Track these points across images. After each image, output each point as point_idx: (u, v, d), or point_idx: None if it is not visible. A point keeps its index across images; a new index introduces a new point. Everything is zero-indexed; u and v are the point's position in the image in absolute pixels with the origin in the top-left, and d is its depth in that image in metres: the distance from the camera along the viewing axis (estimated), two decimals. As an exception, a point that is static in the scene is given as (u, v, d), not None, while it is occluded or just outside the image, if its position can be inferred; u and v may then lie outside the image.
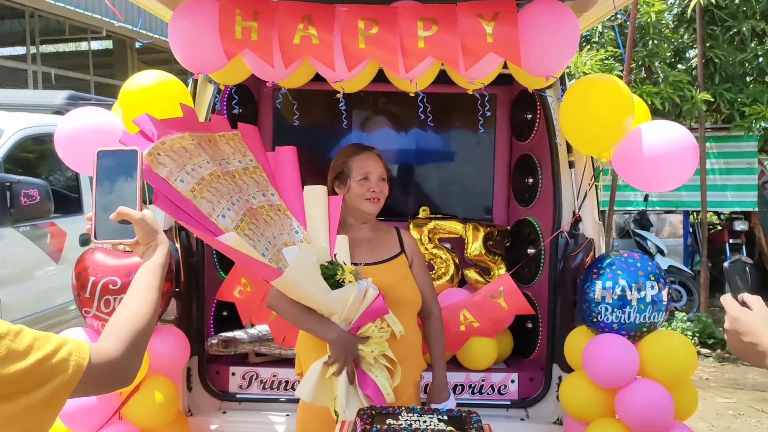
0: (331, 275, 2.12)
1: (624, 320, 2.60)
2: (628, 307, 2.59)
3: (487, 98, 2.46)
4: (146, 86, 2.65)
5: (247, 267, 2.14)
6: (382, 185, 2.37)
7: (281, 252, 2.15)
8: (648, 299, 2.59)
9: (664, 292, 2.64)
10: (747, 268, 7.22)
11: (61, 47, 15.88)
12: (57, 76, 12.60)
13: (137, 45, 14.34)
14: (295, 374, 2.42)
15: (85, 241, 4.92)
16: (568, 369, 2.82)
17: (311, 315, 2.16)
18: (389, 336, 2.22)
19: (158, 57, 14.97)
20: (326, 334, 2.15)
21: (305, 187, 2.34)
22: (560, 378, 2.91)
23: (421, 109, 2.31)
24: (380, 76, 2.62)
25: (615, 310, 2.60)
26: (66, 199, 4.99)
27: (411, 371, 2.35)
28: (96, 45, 15.12)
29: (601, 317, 2.62)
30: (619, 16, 2.77)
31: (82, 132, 2.61)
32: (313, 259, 2.12)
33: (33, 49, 12.24)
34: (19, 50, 13.00)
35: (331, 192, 2.39)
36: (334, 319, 2.14)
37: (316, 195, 2.32)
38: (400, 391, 2.27)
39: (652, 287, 2.61)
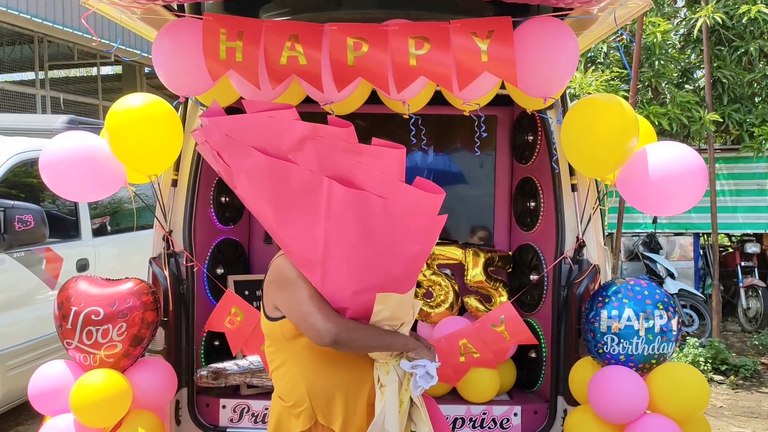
0: None
1: (631, 351, 2.47)
2: (635, 337, 2.47)
3: (483, 119, 2.38)
4: (133, 109, 2.58)
5: (409, 276, 1.97)
6: None
7: None
8: (656, 329, 2.47)
9: (674, 322, 2.51)
10: (760, 292, 7.05)
11: (71, 72, 16.04)
12: (66, 101, 12.69)
13: (118, 61, 14.45)
14: None
15: (82, 266, 4.84)
16: (573, 402, 2.69)
17: (390, 332, 2.00)
18: None
19: (167, 81, 15.02)
20: (409, 344, 2.03)
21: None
22: (566, 411, 2.78)
23: (413, 133, 2.23)
24: (376, 98, 2.54)
25: (621, 340, 2.48)
26: (63, 224, 4.92)
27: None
28: (106, 70, 15.26)
29: (606, 348, 2.50)
30: (622, 35, 2.70)
31: (65, 157, 2.53)
32: None
33: (42, 74, 12.34)
34: (29, 75, 13.11)
35: None
36: (403, 330, 2.04)
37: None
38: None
39: (661, 316, 2.49)
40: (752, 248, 7.67)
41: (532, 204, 3.24)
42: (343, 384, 2.00)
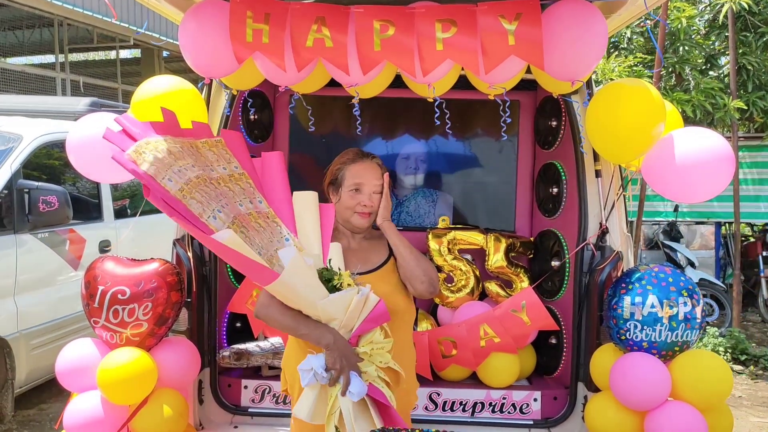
0: (328, 279, 2.02)
1: (654, 338, 2.46)
2: (658, 324, 2.45)
3: (508, 104, 2.36)
4: (159, 92, 2.60)
5: (242, 268, 2.03)
6: (375, 199, 2.19)
7: (274, 257, 2.05)
8: (680, 316, 2.45)
9: (698, 309, 2.49)
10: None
11: (90, 56, 16.14)
12: (85, 84, 12.78)
13: (165, 54, 14.52)
14: (281, 390, 2.32)
15: (104, 248, 4.91)
16: (594, 388, 2.69)
17: (305, 320, 2.03)
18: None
19: (186, 65, 15.04)
20: (321, 339, 2.00)
21: (294, 192, 2.23)
22: (586, 398, 2.78)
23: (437, 115, 2.21)
24: (399, 82, 2.53)
25: (645, 327, 2.46)
26: (86, 206, 4.98)
27: (404, 397, 2.20)
28: (125, 53, 15.33)
29: (629, 335, 2.49)
30: (650, 17, 2.68)
31: (92, 138, 2.55)
32: (309, 261, 2.01)
33: (62, 58, 12.43)
34: (49, 58, 13.22)
35: (326, 198, 2.28)
36: (334, 325, 2.03)
37: (306, 201, 2.20)
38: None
39: (685, 303, 2.47)
40: (774, 238, 7.58)
41: (555, 190, 3.21)
42: (300, 354, 2.09)
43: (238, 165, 2.21)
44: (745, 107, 6.69)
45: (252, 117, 3.26)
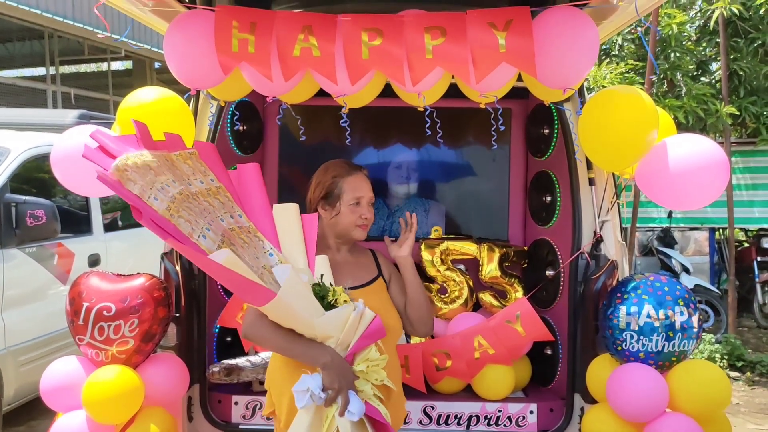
0: (322, 296, 1.95)
1: (651, 349, 2.43)
2: (655, 334, 2.42)
3: (500, 112, 2.33)
4: (145, 103, 2.56)
5: (238, 289, 1.95)
6: (371, 210, 2.21)
7: (265, 274, 1.97)
8: (677, 326, 2.42)
9: (695, 318, 2.46)
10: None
11: (82, 68, 16.09)
12: (77, 96, 12.72)
13: (157, 65, 14.49)
14: (264, 414, 2.22)
15: (94, 262, 4.84)
16: (591, 400, 2.65)
17: (299, 339, 1.97)
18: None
19: (177, 76, 15.01)
20: (318, 358, 1.92)
21: (275, 205, 2.16)
22: (582, 409, 2.74)
23: (428, 125, 2.18)
24: (389, 91, 2.50)
25: (641, 337, 2.43)
26: (75, 219, 4.92)
27: (395, 413, 2.13)
28: (116, 65, 15.30)
29: (625, 345, 2.45)
30: (642, 24, 2.69)
31: (76, 152, 2.50)
32: (305, 278, 1.95)
33: (53, 70, 12.38)
34: (40, 71, 13.16)
35: (311, 211, 2.22)
36: (330, 344, 1.96)
37: (287, 214, 2.13)
38: None
39: (682, 313, 2.44)
40: (768, 243, 7.59)
41: (548, 198, 3.18)
42: (293, 383, 1.98)
43: (215, 178, 2.13)
44: (738, 113, 6.70)
45: (241, 128, 3.22)
